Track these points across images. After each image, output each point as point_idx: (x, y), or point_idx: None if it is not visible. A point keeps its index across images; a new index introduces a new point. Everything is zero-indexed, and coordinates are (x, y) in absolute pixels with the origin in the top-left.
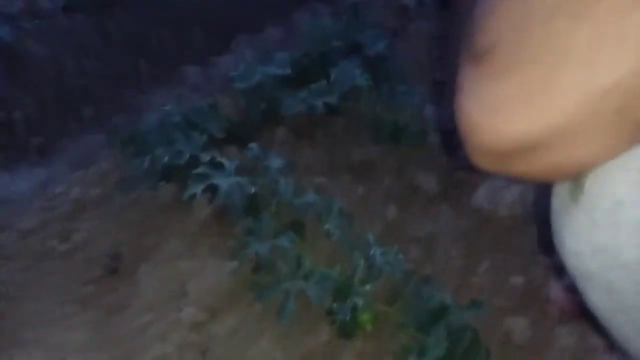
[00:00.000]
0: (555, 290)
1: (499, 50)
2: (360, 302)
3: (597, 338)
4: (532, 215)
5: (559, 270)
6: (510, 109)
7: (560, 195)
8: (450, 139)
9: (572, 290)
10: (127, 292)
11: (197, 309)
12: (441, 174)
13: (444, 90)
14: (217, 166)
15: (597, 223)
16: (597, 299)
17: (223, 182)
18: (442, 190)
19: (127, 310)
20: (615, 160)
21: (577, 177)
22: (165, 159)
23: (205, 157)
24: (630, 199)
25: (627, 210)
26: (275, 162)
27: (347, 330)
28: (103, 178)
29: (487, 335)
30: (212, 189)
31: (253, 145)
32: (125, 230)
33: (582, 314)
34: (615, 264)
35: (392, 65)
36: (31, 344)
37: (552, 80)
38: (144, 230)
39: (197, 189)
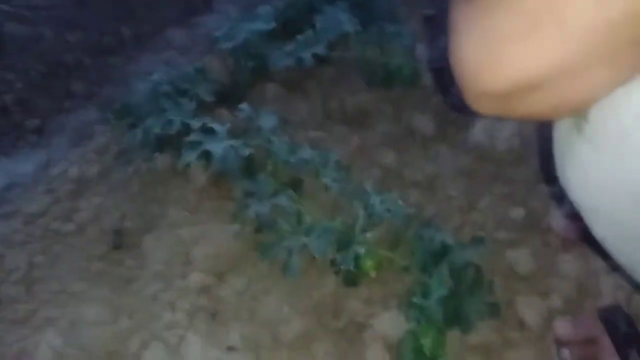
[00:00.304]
0: (556, 219)
1: None
2: (362, 250)
3: (599, 261)
4: (530, 146)
5: (559, 199)
6: (511, 45)
7: (563, 127)
8: (443, 77)
9: (573, 217)
10: (134, 264)
11: (203, 274)
12: (437, 115)
13: (433, 26)
14: (209, 132)
15: (602, 153)
16: (604, 230)
17: (216, 147)
18: (438, 131)
19: (135, 282)
20: (620, 89)
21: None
22: (157, 129)
23: (197, 123)
24: (636, 127)
25: (633, 139)
26: (268, 120)
27: (352, 279)
28: (100, 154)
29: (490, 269)
30: (207, 155)
31: (244, 105)
32: (127, 204)
33: (584, 239)
34: (621, 194)
35: (379, 6)
36: (45, 323)
37: (556, 11)
38: (145, 202)
39: (191, 156)
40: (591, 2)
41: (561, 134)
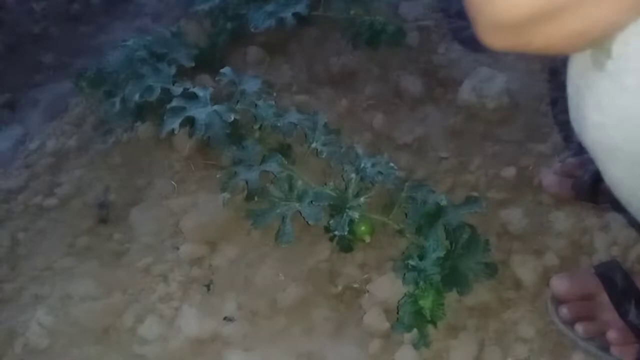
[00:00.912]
0: (547, 177)
1: None
2: (356, 215)
3: (593, 218)
4: (519, 104)
5: (551, 155)
6: None
7: (580, 64)
8: (430, 35)
9: (566, 174)
10: (123, 238)
11: (195, 245)
12: (424, 75)
13: None
14: (191, 97)
15: (626, 88)
16: (620, 173)
17: (200, 113)
18: (426, 91)
19: (125, 255)
20: None
21: (601, 43)
22: (137, 96)
23: (177, 89)
24: None
25: None
26: (251, 85)
27: (346, 244)
28: (77, 126)
29: (484, 229)
30: (190, 122)
31: (226, 69)
32: (110, 177)
33: (577, 196)
34: None
35: None
36: (35, 301)
37: None
38: (129, 173)
39: (174, 123)
40: None
41: (578, 71)
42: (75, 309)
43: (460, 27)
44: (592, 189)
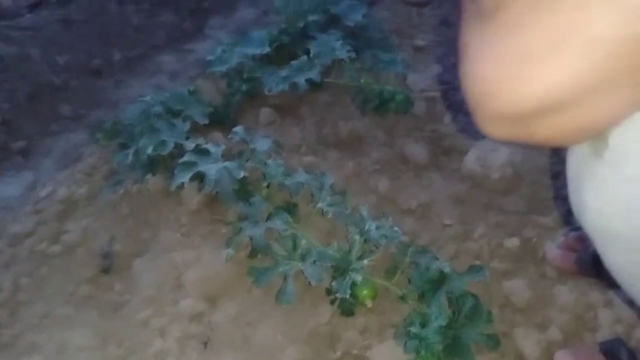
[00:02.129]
0: (551, 250)
1: (514, 0)
2: (359, 278)
3: (597, 294)
4: (523, 175)
5: (554, 228)
6: (533, 63)
7: (579, 151)
8: (436, 105)
9: (569, 247)
10: (124, 288)
11: (195, 300)
12: (429, 142)
13: (425, 55)
14: (202, 153)
15: (625, 178)
16: (619, 259)
17: (210, 169)
18: (432, 158)
19: (125, 307)
20: None
21: (598, 133)
22: (150, 149)
23: (190, 144)
24: None
25: None
26: (262, 144)
27: (348, 308)
28: (89, 175)
29: (487, 299)
30: (200, 177)
31: (238, 128)
32: (117, 227)
33: (580, 271)
34: None
35: (371, 35)
36: (31, 349)
37: (580, 28)
38: (136, 224)
39: (185, 177)
40: (616, 19)
41: (578, 158)
42: (71, 359)
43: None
44: (594, 265)
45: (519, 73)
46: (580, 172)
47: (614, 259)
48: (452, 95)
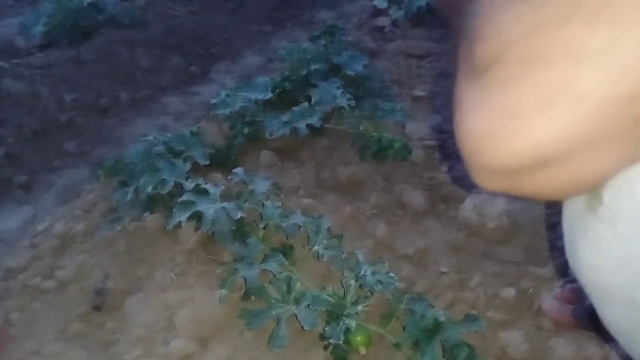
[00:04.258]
0: (548, 302)
1: (506, 58)
2: (353, 324)
3: (594, 347)
4: (520, 226)
5: (551, 280)
6: (524, 119)
7: (575, 207)
8: (434, 153)
9: (566, 300)
10: (115, 327)
11: (186, 341)
12: (427, 190)
13: (424, 106)
14: (202, 193)
15: (620, 235)
16: (616, 317)
17: (208, 209)
18: (429, 206)
19: (115, 346)
20: (635, 168)
21: (593, 189)
22: (150, 188)
23: (190, 184)
24: None
25: None
26: (261, 186)
27: (341, 355)
28: (88, 212)
29: (482, 350)
30: (198, 216)
31: (238, 170)
32: (112, 264)
33: (577, 324)
34: (638, 277)
35: (372, 85)
36: None
37: (566, 86)
38: (131, 262)
39: (182, 217)
40: (604, 78)
41: (572, 214)
42: None
43: None
44: (591, 318)
45: (509, 129)
46: (575, 228)
47: (610, 315)
48: (450, 145)
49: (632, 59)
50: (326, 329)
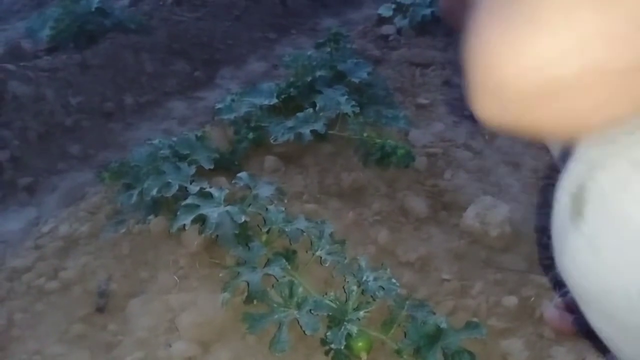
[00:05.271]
0: (549, 310)
1: None
2: (354, 329)
3: (594, 356)
4: (521, 234)
5: (552, 288)
6: (539, 30)
7: (560, 216)
8: (436, 161)
9: (567, 308)
10: (117, 329)
11: (188, 344)
12: (430, 196)
13: (427, 113)
14: (206, 196)
15: (596, 248)
16: (599, 321)
17: (212, 212)
18: (431, 213)
19: (117, 348)
20: (614, 181)
21: (577, 200)
22: (154, 191)
23: (194, 188)
24: (634, 219)
25: (631, 232)
26: (265, 189)
27: None
28: (92, 214)
29: (483, 357)
30: (202, 220)
31: (242, 174)
32: (115, 266)
33: (578, 332)
34: (617, 287)
35: (376, 92)
36: None
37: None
38: (134, 265)
39: (186, 219)
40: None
41: (559, 223)
42: None
43: (466, 157)
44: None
45: (526, 41)
46: (560, 236)
47: (594, 321)
48: (453, 152)
49: None
50: (327, 333)
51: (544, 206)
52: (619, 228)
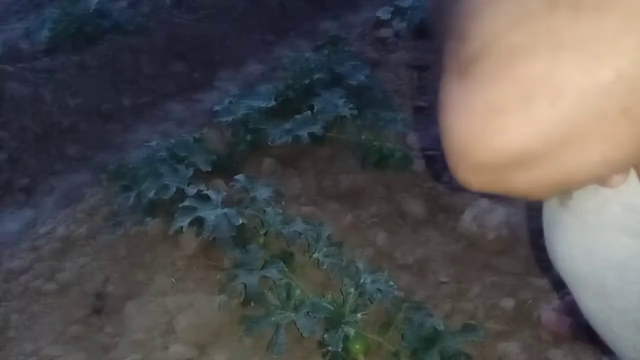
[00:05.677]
0: (547, 313)
1: (490, 52)
2: (351, 331)
3: (591, 359)
4: (519, 237)
5: (549, 291)
6: (504, 116)
7: (550, 204)
8: (434, 163)
9: (564, 311)
10: (114, 331)
11: (185, 346)
12: (427, 200)
13: (425, 116)
14: (203, 199)
15: (587, 225)
16: (590, 304)
17: (210, 214)
18: (429, 215)
19: (113, 350)
20: None
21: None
22: (152, 193)
23: (192, 190)
24: (616, 197)
25: (613, 208)
26: (263, 192)
27: None
28: (89, 216)
29: None
30: (199, 222)
31: (240, 176)
32: (112, 268)
33: (575, 335)
34: (605, 265)
35: (374, 94)
36: None
37: (546, 78)
38: (131, 267)
39: (184, 222)
40: (580, 67)
41: (548, 211)
42: None
43: None
44: (589, 330)
45: (490, 125)
46: (550, 222)
47: (586, 304)
48: None
49: (612, 43)
50: (325, 336)
51: (541, 209)
52: (602, 201)
